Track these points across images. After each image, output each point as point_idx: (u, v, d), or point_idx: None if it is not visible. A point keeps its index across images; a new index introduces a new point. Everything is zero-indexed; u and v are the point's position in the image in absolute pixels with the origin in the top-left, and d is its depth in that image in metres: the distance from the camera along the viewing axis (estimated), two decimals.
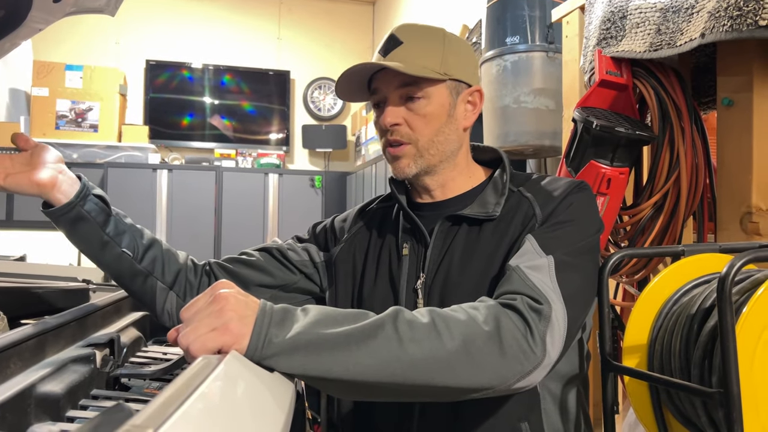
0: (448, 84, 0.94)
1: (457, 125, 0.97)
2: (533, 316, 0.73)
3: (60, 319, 0.85)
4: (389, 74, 0.92)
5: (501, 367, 0.69)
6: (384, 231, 1.03)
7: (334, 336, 0.63)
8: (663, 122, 1.28)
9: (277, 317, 0.64)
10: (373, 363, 0.63)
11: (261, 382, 0.59)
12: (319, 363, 0.62)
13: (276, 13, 5.54)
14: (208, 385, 0.49)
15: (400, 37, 0.93)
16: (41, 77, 4.47)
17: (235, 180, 4.78)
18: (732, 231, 1.20)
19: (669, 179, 1.26)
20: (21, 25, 1.40)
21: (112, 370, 0.88)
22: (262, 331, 0.62)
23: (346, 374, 0.63)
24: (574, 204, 0.89)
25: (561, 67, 1.76)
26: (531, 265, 0.80)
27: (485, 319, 0.70)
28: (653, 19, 1.27)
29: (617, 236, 1.44)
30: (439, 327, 0.68)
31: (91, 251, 0.94)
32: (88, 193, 0.92)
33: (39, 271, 1.74)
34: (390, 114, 0.93)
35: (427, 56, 0.92)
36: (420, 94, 0.92)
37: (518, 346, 0.70)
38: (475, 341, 0.68)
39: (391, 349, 0.64)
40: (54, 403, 0.69)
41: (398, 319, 0.67)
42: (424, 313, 0.70)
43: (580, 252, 0.85)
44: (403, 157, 0.95)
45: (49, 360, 0.78)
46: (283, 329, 0.63)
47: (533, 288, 0.76)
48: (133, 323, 1.15)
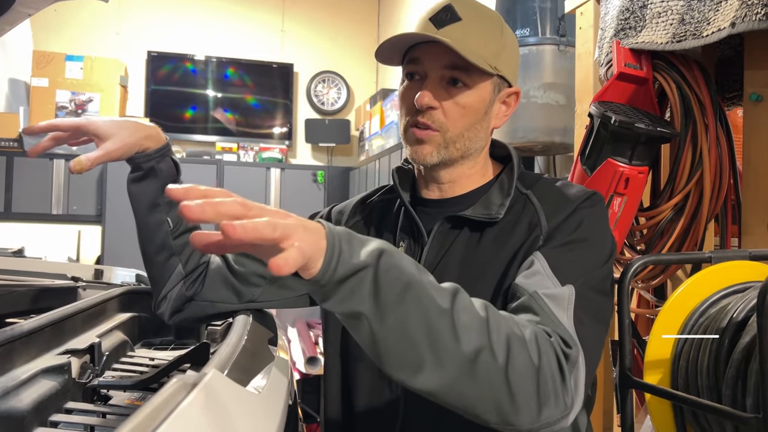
0: (494, 80, 0.87)
1: (488, 123, 0.90)
2: (564, 360, 0.66)
3: (33, 324, 0.78)
4: (439, 50, 0.83)
5: (532, 405, 0.62)
6: (382, 226, 0.96)
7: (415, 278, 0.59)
8: (685, 118, 1.20)
9: (346, 236, 0.58)
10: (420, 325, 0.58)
11: (244, 406, 0.52)
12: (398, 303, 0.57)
13: (280, 5, 5.46)
14: (181, 412, 0.42)
15: (459, 12, 0.83)
16: (41, 67, 4.40)
17: (236, 174, 4.71)
18: (758, 236, 1.13)
19: (691, 179, 1.19)
20: (9, 10, 1.33)
21: (90, 380, 0.81)
22: (335, 247, 0.55)
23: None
24: (586, 221, 0.81)
25: (572, 61, 1.69)
26: (549, 294, 0.73)
27: (531, 340, 0.64)
28: (677, 8, 1.19)
29: (633, 239, 1.36)
30: (492, 327, 0.62)
31: (139, 207, 0.95)
32: (167, 154, 0.95)
33: (29, 267, 1.67)
34: (429, 95, 0.84)
35: (484, 43, 0.84)
36: (467, 81, 0.84)
37: (553, 388, 0.64)
38: (517, 362, 0.62)
39: (441, 327, 0.59)
40: (17, 422, 0.62)
41: (457, 298, 0.62)
42: (479, 305, 0.64)
43: (598, 289, 0.77)
44: (428, 143, 0.86)
45: (17, 371, 0.71)
46: (354, 248, 0.57)
47: (560, 326, 0.70)
48: (118, 326, 1.08)
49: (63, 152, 4.42)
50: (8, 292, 1.06)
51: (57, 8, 4.40)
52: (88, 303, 1.02)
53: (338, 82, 5.50)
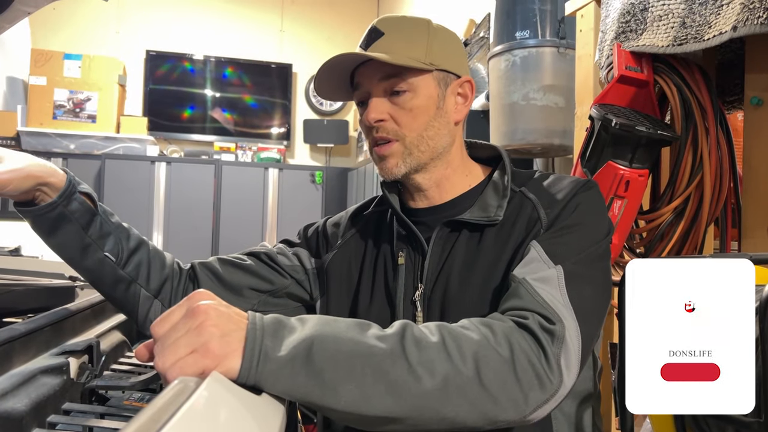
0: (434, 75, 0.87)
1: (447, 119, 0.89)
2: (547, 338, 0.65)
3: (31, 324, 0.78)
4: (371, 67, 0.85)
5: (516, 397, 0.61)
6: (379, 238, 0.95)
7: (344, 351, 0.57)
8: (686, 121, 1.20)
9: (271, 327, 0.56)
10: (376, 392, 0.56)
11: (246, 408, 0.51)
12: (324, 384, 0.55)
13: (279, 6, 5.46)
14: (183, 416, 0.42)
15: (382, 29, 0.86)
16: (39, 66, 4.39)
17: (234, 174, 4.70)
18: (758, 239, 1.13)
19: (691, 182, 1.18)
20: (8, 8, 1.33)
21: (88, 381, 0.81)
22: (255, 346, 0.54)
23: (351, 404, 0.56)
24: (582, 205, 0.81)
25: (572, 64, 1.69)
26: (539, 278, 0.73)
27: (498, 340, 0.63)
28: (678, 11, 1.19)
29: (633, 242, 1.36)
30: (450, 348, 0.60)
31: (69, 254, 0.86)
32: (74, 191, 0.84)
33: (26, 266, 1.66)
34: (373, 109, 0.85)
35: (410, 46, 0.85)
36: (405, 87, 0.85)
37: (534, 373, 0.63)
38: (489, 366, 0.60)
39: (399, 373, 0.57)
40: (15, 423, 0.62)
41: (405, 336, 0.60)
42: (433, 329, 0.63)
43: (590, 260, 0.77)
44: (391, 157, 0.87)
45: (15, 371, 0.70)
46: (278, 340, 0.55)
47: (543, 305, 0.69)
48: (116, 326, 1.07)
49: (61, 151, 4.41)
50: (5, 291, 1.05)
51: (56, 7, 4.39)
52: (86, 303, 1.02)
53: None
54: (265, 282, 0.96)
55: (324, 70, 0.87)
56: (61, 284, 1.32)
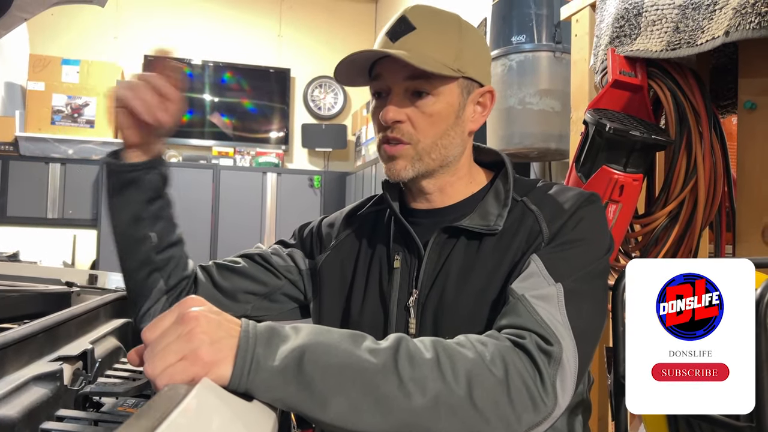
0: (460, 82, 0.84)
1: (463, 128, 0.87)
2: (543, 360, 0.64)
3: (25, 330, 0.78)
4: (397, 63, 0.81)
5: (508, 418, 0.61)
6: (374, 239, 0.94)
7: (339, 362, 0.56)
8: (680, 126, 1.21)
9: (264, 336, 0.56)
10: (367, 406, 0.56)
11: (236, 415, 0.52)
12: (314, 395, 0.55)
13: (277, 10, 5.47)
14: (171, 424, 0.42)
15: (413, 22, 0.82)
16: (37, 71, 4.40)
17: (232, 178, 4.71)
18: (752, 243, 1.13)
19: (686, 187, 1.19)
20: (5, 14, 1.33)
21: (82, 387, 0.81)
22: (247, 355, 0.54)
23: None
24: (584, 220, 0.80)
25: (568, 68, 1.69)
26: (538, 295, 0.71)
27: (493, 359, 0.62)
28: (671, 17, 1.19)
29: (628, 246, 1.36)
30: (443, 366, 0.60)
31: (120, 218, 0.87)
32: (159, 165, 0.86)
33: (23, 272, 1.66)
34: (393, 110, 0.83)
35: (441, 48, 0.82)
36: (429, 89, 0.82)
37: (528, 395, 0.62)
38: (481, 386, 0.60)
39: (389, 389, 0.57)
40: (8, 430, 0.62)
41: (399, 351, 0.59)
42: (428, 345, 0.62)
43: (591, 277, 0.76)
44: (400, 158, 0.85)
45: (8, 378, 0.70)
46: (271, 349, 0.55)
47: (542, 324, 0.68)
48: (111, 332, 1.07)
49: (59, 156, 4.41)
50: (1, 297, 1.05)
51: (54, 12, 4.40)
52: (81, 309, 1.01)
53: (335, 87, 5.51)
54: (259, 284, 0.96)
55: (348, 60, 0.84)
56: (57, 290, 1.32)
